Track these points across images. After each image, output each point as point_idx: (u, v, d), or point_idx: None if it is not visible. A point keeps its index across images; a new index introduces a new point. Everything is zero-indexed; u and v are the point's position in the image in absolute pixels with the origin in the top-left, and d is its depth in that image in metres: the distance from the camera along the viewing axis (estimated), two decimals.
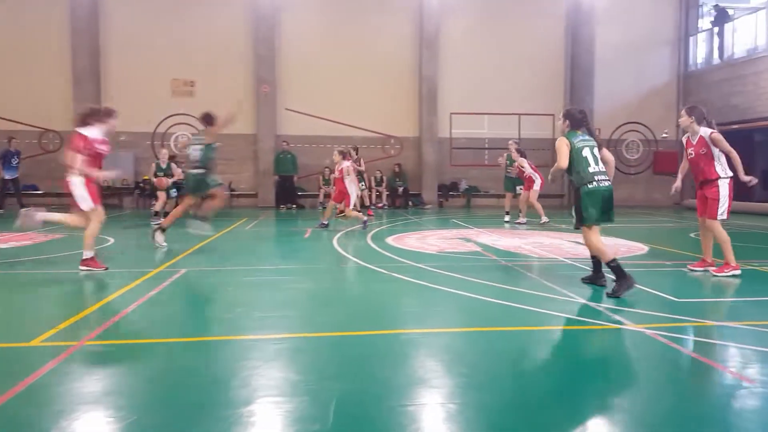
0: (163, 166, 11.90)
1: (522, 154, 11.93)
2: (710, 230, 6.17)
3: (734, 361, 3.60)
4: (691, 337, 4.02)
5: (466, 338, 4.01)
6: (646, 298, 5.15)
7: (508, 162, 12.35)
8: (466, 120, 17.86)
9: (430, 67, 17.35)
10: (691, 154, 6.33)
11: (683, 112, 6.47)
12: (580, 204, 5.20)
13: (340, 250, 8.08)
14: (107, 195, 16.81)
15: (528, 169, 11.78)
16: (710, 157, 6.16)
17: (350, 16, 17.29)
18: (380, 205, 16.89)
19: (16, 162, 14.75)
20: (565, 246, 8.46)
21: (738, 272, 6.02)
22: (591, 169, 5.15)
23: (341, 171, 10.53)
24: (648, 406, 2.88)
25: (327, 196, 16.77)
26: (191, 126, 17.15)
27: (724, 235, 6.07)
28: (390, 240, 9.10)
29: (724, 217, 6.07)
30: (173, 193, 11.90)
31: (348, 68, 17.25)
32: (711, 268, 6.22)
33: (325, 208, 16.53)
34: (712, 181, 6.12)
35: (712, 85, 17.24)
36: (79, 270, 6.05)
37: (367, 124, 17.59)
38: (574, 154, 5.16)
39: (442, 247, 8.31)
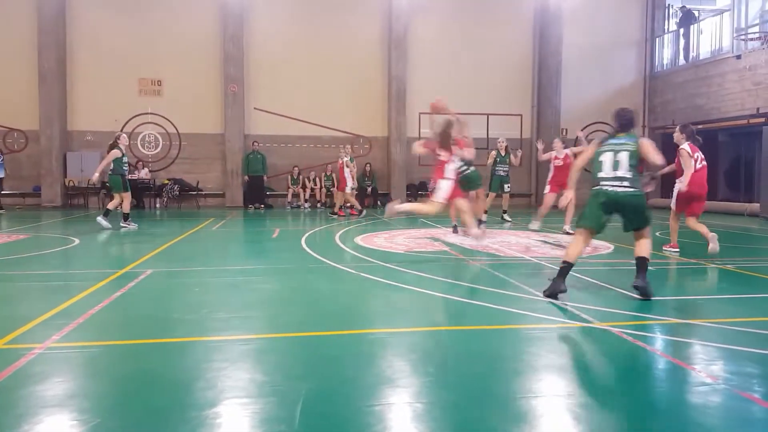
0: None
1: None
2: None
3: (698, 358, 3.67)
4: (655, 335, 4.09)
5: (433, 337, 4.01)
6: (613, 297, 5.24)
7: (498, 159, 11.88)
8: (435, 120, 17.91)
9: (398, 67, 17.37)
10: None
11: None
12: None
13: (308, 250, 8.02)
14: (73, 195, 16.47)
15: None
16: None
17: (319, 16, 17.20)
18: (349, 205, 16.84)
19: (0, 160, 14.66)
20: (533, 246, 8.56)
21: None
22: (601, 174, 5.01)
23: (341, 163, 13.35)
24: (613, 403, 2.92)
25: (296, 195, 16.76)
26: (158, 125, 16.89)
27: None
28: (358, 240, 9.08)
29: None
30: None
31: (317, 67, 17.17)
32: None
33: (293, 208, 16.60)
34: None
35: (678, 86, 17.64)
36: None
37: (336, 124, 17.54)
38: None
39: (410, 247, 8.32)
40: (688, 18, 17.59)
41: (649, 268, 5.05)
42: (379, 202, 17.35)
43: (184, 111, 16.81)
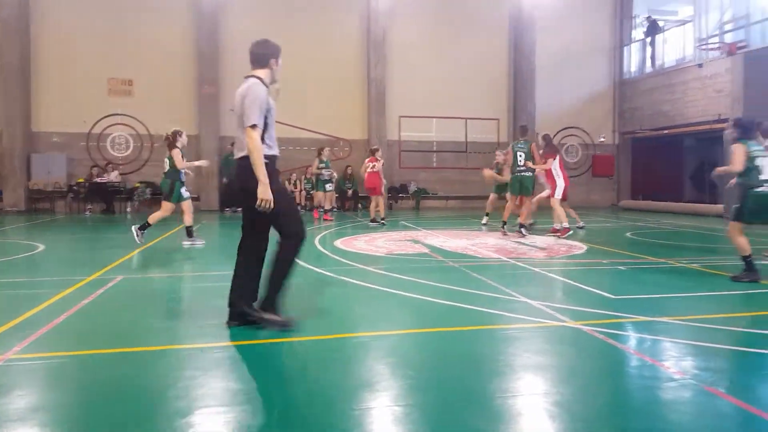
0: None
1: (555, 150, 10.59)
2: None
3: (666, 355, 3.74)
4: (625, 333, 4.15)
5: (413, 340, 3.99)
6: (586, 296, 5.32)
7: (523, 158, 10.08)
8: (414, 123, 18.01)
9: (378, 70, 17.39)
10: None
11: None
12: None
13: None
14: (38, 199, 16.01)
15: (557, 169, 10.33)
16: None
17: (297, 17, 17.10)
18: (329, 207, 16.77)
19: None
20: (509, 246, 8.62)
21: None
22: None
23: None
24: (585, 400, 2.95)
25: None
26: (129, 126, 16.56)
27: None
28: (338, 243, 9.02)
29: None
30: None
31: (295, 69, 16.97)
32: None
33: None
34: None
35: (645, 93, 18.05)
36: None
37: (315, 126, 17.45)
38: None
39: (390, 249, 8.30)
40: (653, 28, 18.08)
41: (621, 268, 5.13)
42: (359, 205, 17.30)
43: (156, 112, 16.50)
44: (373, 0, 17.30)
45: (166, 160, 9.00)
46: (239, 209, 17.16)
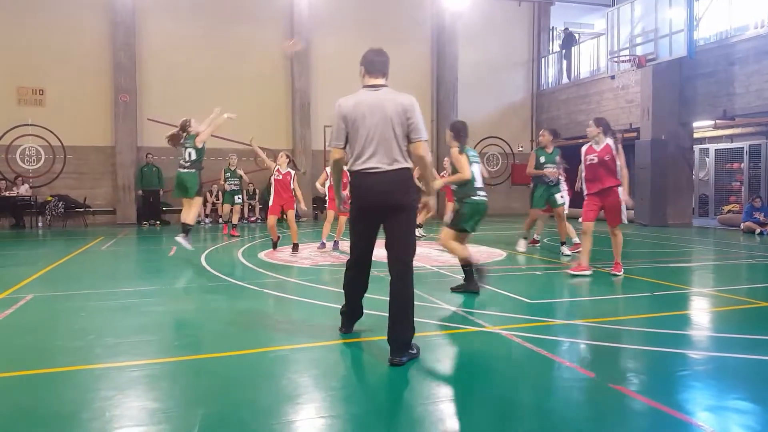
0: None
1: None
2: (618, 234, 6.86)
3: (578, 356, 3.96)
4: (540, 336, 4.35)
5: (336, 351, 4.01)
6: (504, 301, 5.53)
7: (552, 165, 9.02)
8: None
9: (302, 81, 17.33)
10: (593, 159, 6.72)
11: (591, 123, 6.90)
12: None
13: (208, 267, 7.75)
14: None
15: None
16: (614, 164, 6.61)
17: (219, 27, 16.77)
18: (253, 218, 16.49)
19: None
20: (432, 254, 8.81)
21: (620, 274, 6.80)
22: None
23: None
24: (501, 403, 3.07)
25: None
26: (40, 138, 15.63)
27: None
28: (262, 255, 8.91)
29: (625, 221, 6.82)
30: None
31: (217, 78, 16.69)
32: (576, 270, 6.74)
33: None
34: (613, 188, 6.61)
35: (561, 103, 18.99)
36: None
37: (238, 136, 17.09)
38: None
39: (316, 261, 8.28)
40: (569, 40, 19.06)
41: (537, 273, 5.37)
42: (283, 216, 17.06)
43: (70, 122, 15.68)
44: (296, 11, 17.26)
45: (191, 151, 8.30)
46: (157, 223, 16.47)
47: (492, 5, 19.18)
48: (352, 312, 4.25)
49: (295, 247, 9.15)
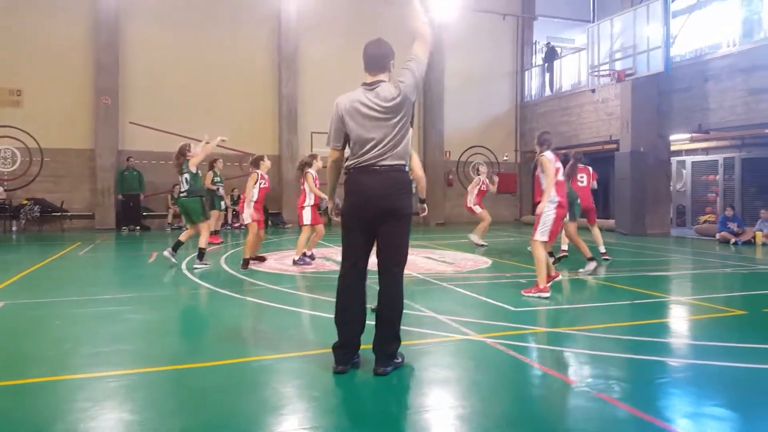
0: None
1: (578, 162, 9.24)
2: (533, 249, 6.12)
3: (561, 364, 3.97)
4: (525, 344, 4.36)
5: (319, 360, 3.95)
6: (489, 309, 5.53)
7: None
8: (326, 139, 17.95)
9: (289, 86, 17.26)
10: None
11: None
12: None
13: (189, 275, 7.63)
14: None
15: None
16: (539, 179, 6.61)
17: (204, 29, 16.62)
18: (237, 225, 16.33)
19: None
20: (419, 262, 8.80)
21: (546, 295, 5.95)
22: None
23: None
24: (486, 412, 3.05)
25: (176, 216, 15.77)
26: (16, 140, 15.32)
27: (540, 255, 6.03)
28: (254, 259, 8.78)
29: (544, 238, 6.03)
30: None
31: (202, 82, 16.55)
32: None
33: (175, 228, 15.70)
34: (538, 203, 6.25)
35: (543, 115, 19.21)
36: None
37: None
38: None
39: (302, 268, 8.20)
40: (551, 54, 19.35)
41: (522, 281, 5.37)
42: (269, 222, 16.97)
43: (48, 124, 15.39)
44: (284, 16, 17.22)
45: (187, 177, 8.24)
46: (137, 228, 16.11)
47: (477, 18, 19.35)
48: (345, 343, 3.64)
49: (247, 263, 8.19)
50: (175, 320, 5.25)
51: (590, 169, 9.68)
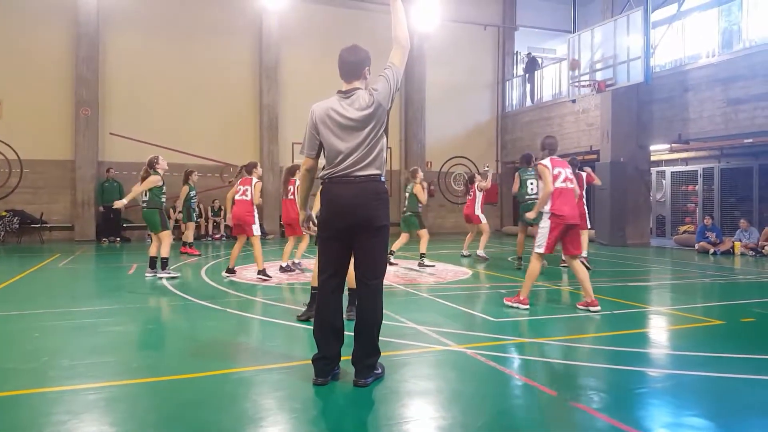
0: None
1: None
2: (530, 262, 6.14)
3: (540, 374, 4.01)
4: (505, 354, 4.40)
5: (300, 372, 3.95)
6: (470, 320, 5.57)
7: (535, 185, 9.47)
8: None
9: (270, 96, 17.28)
10: None
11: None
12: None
13: (169, 286, 7.57)
14: None
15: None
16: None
17: (185, 40, 16.59)
18: (218, 236, 16.25)
19: None
20: (399, 272, 8.83)
21: (525, 308, 5.96)
22: None
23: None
24: (466, 423, 3.07)
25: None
26: None
27: (533, 268, 6.07)
28: (226, 273, 8.75)
29: (540, 251, 6.03)
30: None
31: (183, 93, 16.51)
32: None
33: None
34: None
35: (525, 125, 19.42)
36: None
37: (203, 151, 16.90)
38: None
39: (281, 279, 8.19)
40: (532, 64, 19.60)
41: (502, 291, 5.42)
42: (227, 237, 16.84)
43: (27, 135, 15.20)
44: (265, 26, 17.26)
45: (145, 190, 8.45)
46: (117, 240, 15.96)
47: (458, 29, 19.56)
48: (325, 355, 3.61)
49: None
50: (155, 332, 5.21)
51: (583, 174, 9.86)
